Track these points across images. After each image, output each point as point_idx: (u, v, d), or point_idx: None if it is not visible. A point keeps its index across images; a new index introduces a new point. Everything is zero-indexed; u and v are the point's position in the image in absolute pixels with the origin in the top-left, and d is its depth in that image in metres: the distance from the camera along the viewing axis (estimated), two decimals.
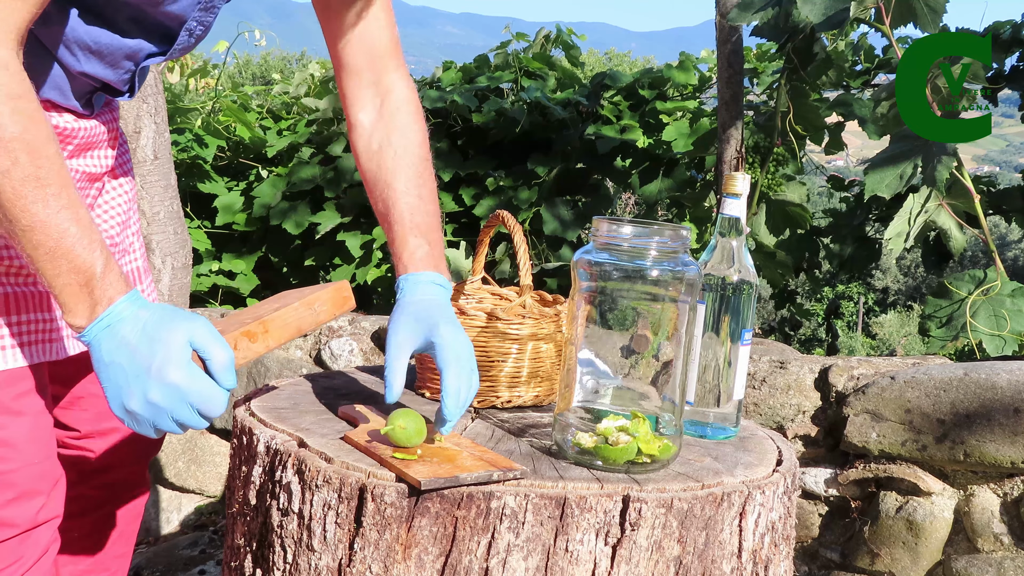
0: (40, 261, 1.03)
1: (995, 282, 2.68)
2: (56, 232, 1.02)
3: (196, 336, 1.03)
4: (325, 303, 1.18)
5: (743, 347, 1.29)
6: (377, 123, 1.37)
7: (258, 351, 1.10)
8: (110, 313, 1.04)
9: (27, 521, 1.21)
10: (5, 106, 1.00)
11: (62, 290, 1.04)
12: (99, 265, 1.04)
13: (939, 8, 2.73)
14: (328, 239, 4.21)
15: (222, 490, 2.92)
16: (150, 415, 1.02)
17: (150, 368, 1.01)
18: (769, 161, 3.64)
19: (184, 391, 1.01)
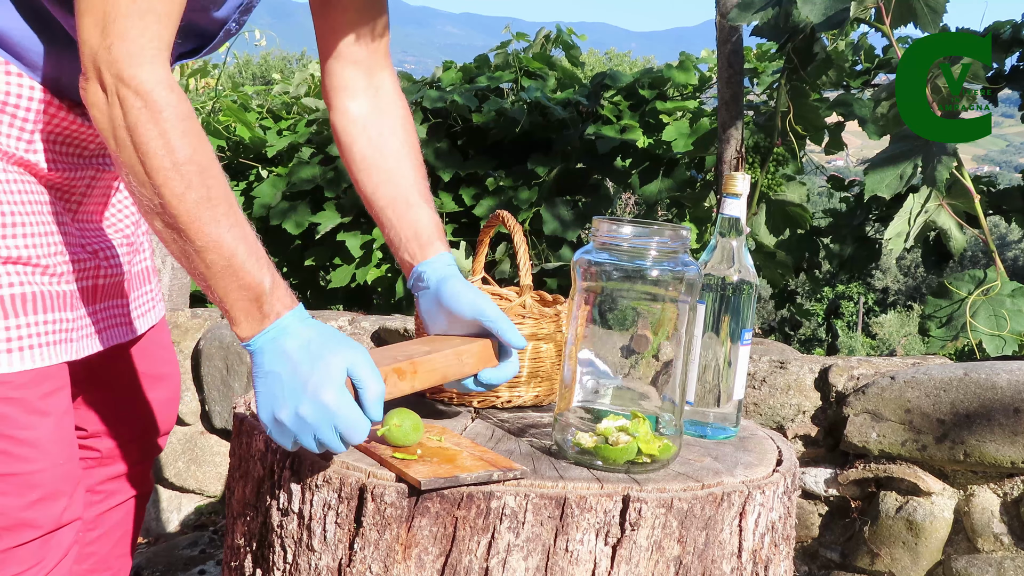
0: (212, 279, 1.05)
1: (995, 282, 2.67)
2: (228, 251, 1.04)
3: (355, 364, 1.04)
4: (472, 356, 1.20)
5: (743, 347, 1.29)
6: (374, 112, 1.38)
7: (403, 390, 1.11)
8: (276, 326, 1.06)
9: (51, 522, 1.22)
10: (176, 128, 1.02)
11: (233, 305, 1.06)
12: (268, 281, 1.06)
13: (939, 8, 2.73)
14: (328, 239, 4.21)
15: (222, 490, 2.92)
16: (296, 428, 1.03)
17: (307, 384, 1.02)
18: (769, 161, 3.64)
19: (333, 413, 1.02)
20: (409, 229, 1.33)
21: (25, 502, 1.19)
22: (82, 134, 1.26)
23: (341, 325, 2.80)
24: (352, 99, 1.38)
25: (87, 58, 1.03)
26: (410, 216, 1.33)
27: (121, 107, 1.01)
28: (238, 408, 1.28)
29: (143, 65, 1.01)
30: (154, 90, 1.01)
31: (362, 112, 1.38)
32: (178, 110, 1.03)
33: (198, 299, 4.27)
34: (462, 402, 1.37)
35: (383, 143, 1.37)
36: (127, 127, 1.01)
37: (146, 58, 1.02)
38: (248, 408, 1.27)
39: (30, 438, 1.18)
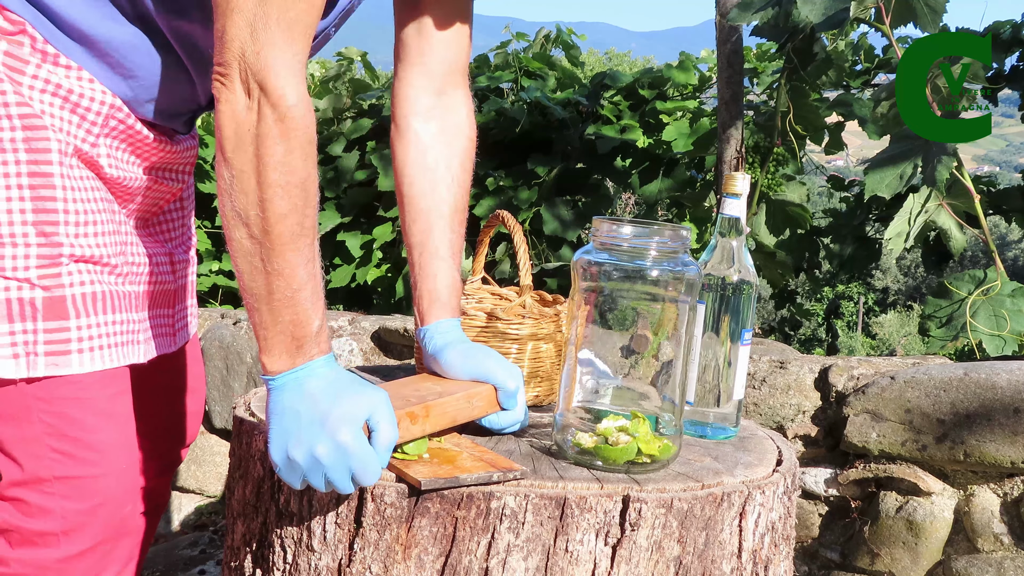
0: (268, 304, 1.03)
1: (995, 282, 2.67)
2: (297, 283, 1.02)
3: (375, 409, 1.03)
4: (482, 400, 1.20)
5: (743, 347, 1.29)
6: (437, 138, 1.32)
7: (414, 434, 1.11)
8: (307, 367, 1.04)
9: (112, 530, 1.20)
10: (302, 151, 1.01)
11: (274, 336, 1.03)
12: (316, 324, 1.05)
13: (939, 8, 2.73)
14: (328, 239, 4.21)
15: (222, 490, 2.92)
16: (308, 467, 1.01)
17: (326, 422, 1.01)
18: (769, 161, 3.64)
19: (349, 454, 1.00)
20: (426, 284, 1.30)
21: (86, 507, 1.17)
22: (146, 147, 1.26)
23: (341, 325, 2.80)
24: (417, 118, 1.31)
25: (232, 55, 0.99)
26: (431, 270, 1.30)
27: (258, 115, 0.99)
28: (238, 409, 1.28)
29: (289, 79, 1.00)
30: (295, 107, 1.00)
31: (425, 134, 1.31)
32: (308, 133, 1.01)
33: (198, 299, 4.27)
34: None
35: (435, 179, 1.30)
36: (256, 136, 0.99)
37: (292, 72, 1.00)
38: (248, 409, 1.27)
39: (95, 441, 1.17)
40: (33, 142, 1.13)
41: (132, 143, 1.24)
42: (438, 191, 1.30)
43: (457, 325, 1.30)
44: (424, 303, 1.29)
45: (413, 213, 1.31)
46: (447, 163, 1.31)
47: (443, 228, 1.30)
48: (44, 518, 1.17)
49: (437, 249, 1.30)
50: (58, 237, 1.14)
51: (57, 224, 1.14)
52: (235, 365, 2.83)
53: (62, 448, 1.16)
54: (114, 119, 1.20)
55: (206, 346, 2.87)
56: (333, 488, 1.02)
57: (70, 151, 1.16)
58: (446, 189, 1.31)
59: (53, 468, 1.16)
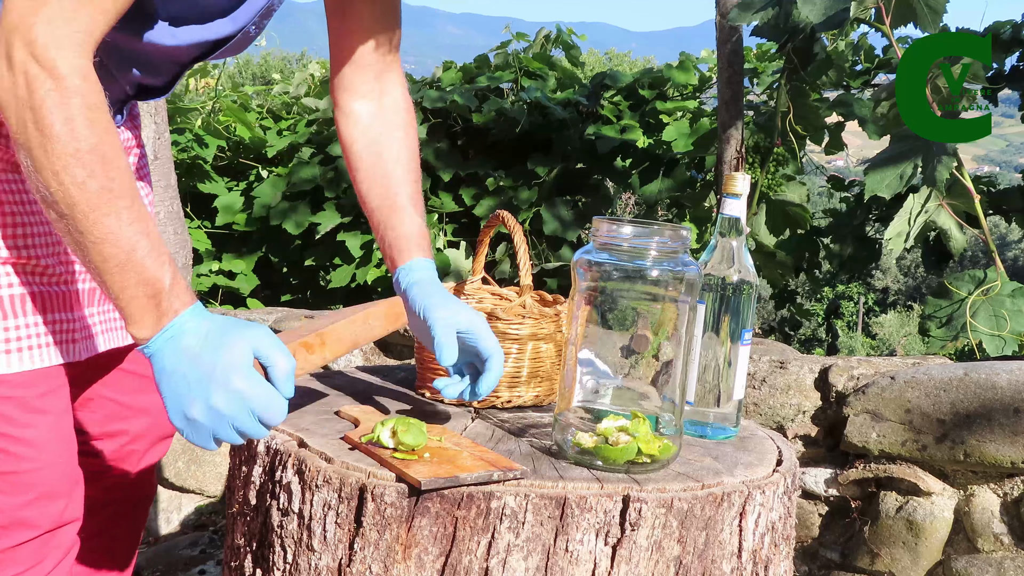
0: (108, 274, 1.02)
1: (995, 282, 2.68)
2: (127, 245, 1.01)
3: (259, 344, 1.02)
4: (379, 318, 1.19)
5: (743, 347, 1.29)
6: (377, 115, 1.39)
7: (315, 363, 1.10)
8: (174, 324, 1.04)
9: (50, 522, 1.21)
10: (83, 117, 0.99)
11: (129, 302, 1.03)
12: (167, 278, 1.03)
13: (939, 8, 2.74)
14: (328, 239, 4.21)
15: (222, 490, 2.92)
16: (211, 422, 1.01)
17: (213, 374, 1.00)
18: (769, 161, 3.64)
19: (247, 397, 1.00)
20: (391, 233, 1.32)
21: (22, 501, 1.19)
22: None
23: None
24: (357, 100, 1.39)
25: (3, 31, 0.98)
26: (393, 220, 1.33)
27: (27, 87, 0.97)
28: None
29: (63, 49, 0.98)
30: (68, 76, 0.98)
31: (365, 113, 1.39)
32: (88, 99, 0.99)
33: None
34: (462, 402, 1.37)
35: (381, 146, 1.37)
36: (31, 107, 0.98)
37: (68, 44, 0.99)
38: None
39: (28, 437, 1.18)
40: None
41: None
42: (385, 157, 1.36)
43: (429, 265, 1.30)
44: (394, 251, 1.31)
45: (367, 183, 1.36)
46: (391, 132, 1.38)
47: (398, 184, 1.35)
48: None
49: (395, 202, 1.33)
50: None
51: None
52: None
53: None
54: None
55: None
56: (246, 436, 1.02)
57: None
58: (395, 153, 1.36)
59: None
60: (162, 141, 3.14)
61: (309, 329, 1.15)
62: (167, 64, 1.23)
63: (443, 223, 4.15)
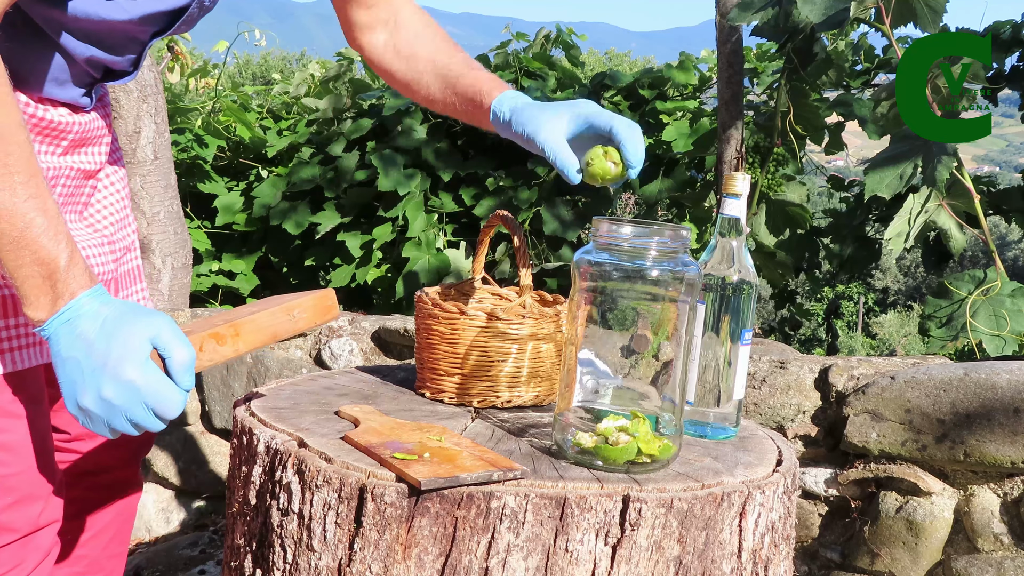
0: (3, 250, 0.99)
1: (995, 282, 2.67)
2: (22, 222, 0.99)
3: (157, 334, 0.99)
4: (306, 310, 1.14)
5: (743, 347, 1.29)
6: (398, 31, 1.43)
7: (226, 355, 1.06)
8: (71, 307, 1.01)
9: (28, 525, 1.21)
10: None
11: (24, 281, 1.00)
12: (64, 258, 1.01)
13: (939, 8, 2.73)
14: (328, 239, 4.21)
15: (222, 490, 2.92)
16: (104, 413, 0.99)
17: (106, 364, 0.98)
18: (769, 161, 3.64)
19: (139, 389, 0.98)
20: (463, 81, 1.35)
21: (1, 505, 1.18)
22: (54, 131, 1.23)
23: (341, 325, 2.80)
24: (375, 34, 1.43)
25: None
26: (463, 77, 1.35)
27: None
28: (238, 409, 1.28)
29: None
30: None
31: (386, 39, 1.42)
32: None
33: (197, 300, 4.28)
34: (462, 402, 1.37)
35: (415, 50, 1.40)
36: None
37: None
38: (248, 409, 1.27)
39: (3, 441, 1.17)
40: None
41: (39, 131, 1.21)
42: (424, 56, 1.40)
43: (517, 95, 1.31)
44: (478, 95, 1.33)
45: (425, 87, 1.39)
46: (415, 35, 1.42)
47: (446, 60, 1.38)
48: None
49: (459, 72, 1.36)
50: None
51: None
52: (235, 365, 2.83)
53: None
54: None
55: None
56: (141, 428, 1.00)
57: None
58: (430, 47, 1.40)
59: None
60: (162, 141, 3.14)
61: (225, 318, 1.11)
62: (125, 41, 1.21)
63: (443, 223, 4.15)
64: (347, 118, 4.44)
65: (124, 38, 1.20)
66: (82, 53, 1.18)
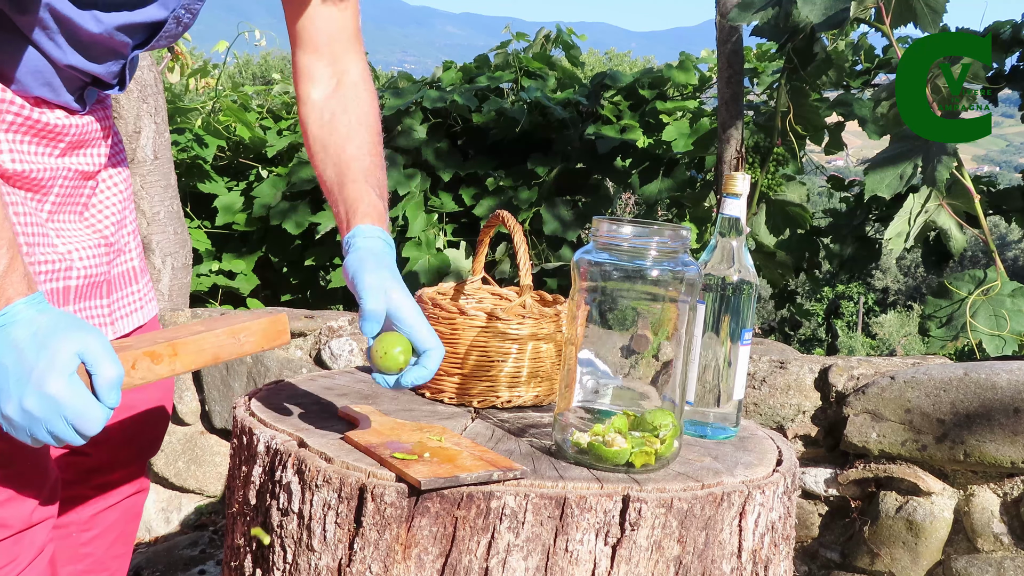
0: None
1: (995, 282, 2.68)
2: None
3: (87, 349, 0.98)
4: (253, 334, 1.12)
5: (743, 347, 1.29)
6: (331, 98, 1.38)
7: (161, 373, 1.05)
8: (6, 313, 1.00)
9: (21, 522, 1.21)
10: None
11: None
12: (2, 263, 1.00)
13: (939, 8, 2.73)
14: (328, 239, 4.21)
15: (222, 490, 2.92)
16: (25, 423, 0.98)
17: (31, 374, 0.97)
18: (769, 161, 3.64)
19: (60, 404, 0.96)
20: (342, 207, 1.28)
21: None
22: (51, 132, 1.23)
23: (341, 325, 2.80)
24: (314, 86, 1.38)
25: None
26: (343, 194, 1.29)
27: None
28: (238, 409, 1.28)
29: None
30: None
31: (319, 97, 1.38)
32: None
33: (198, 299, 4.28)
34: (462, 402, 1.37)
35: (333, 123, 1.35)
36: None
37: None
38: (248, 409, 1.27)
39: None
40: None
41: (35, 132, 1.21)
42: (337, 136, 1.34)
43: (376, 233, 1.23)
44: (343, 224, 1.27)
45: (322, 165, 1.34)
46: (342, 110, 1.37)
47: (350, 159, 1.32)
48: None
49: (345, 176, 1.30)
50: None
51: None
52: (235, 365, 2.83)
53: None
54: (9, 114, 1.17)
55: None
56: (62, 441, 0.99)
57: None
58: (344, 130, 1.35)
59: None
60: (162, 141, 3.14)
61: (167, 336, 1.09)
62: (105, 53, 1.21)
63: (443, 223, 4.15)
64: None
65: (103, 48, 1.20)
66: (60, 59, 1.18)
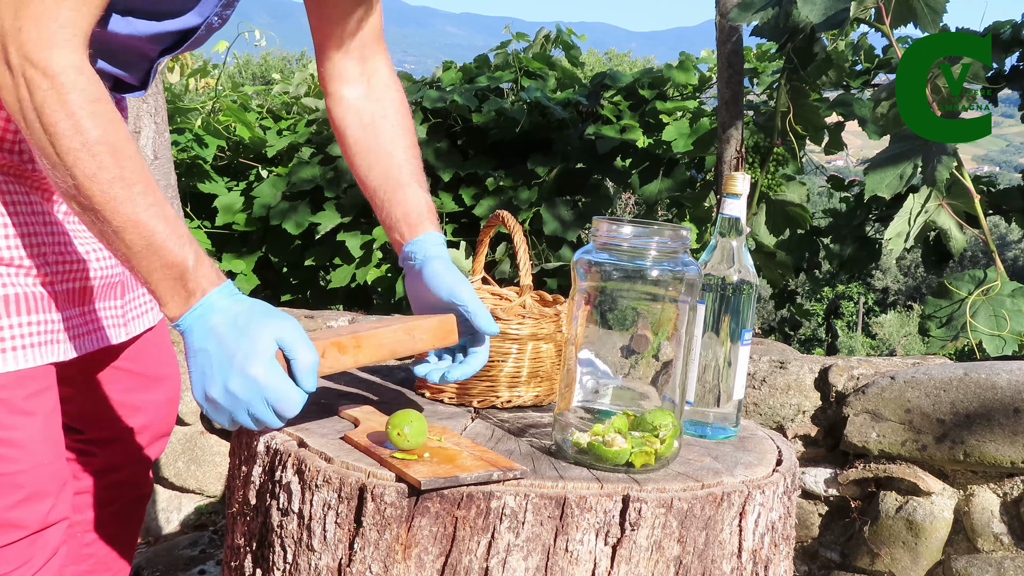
0: (134, 259, 1.05)
1: (995, 282, 2.68)
2: (147, 231, 1.04)
3: (284, 335, 1.04)
4: (426, 332, 1.19)
5: (743, 347, 1.29)
6: (368, 97, 1.40)
7: (346, 364, 1.10)
8: (203, 303, 1.06)
9: (37, 522, 1.21)
10: (85, 110, 1.02)
11: (157, 285, 1.06)
12: (191, 259, 1.06)
13: (939, 8, 2.74)
14: (328, 239, 4.21)
15: (222, 490, 2.92)
16: (228, 405, 1.04)
17: (234, 358, 1.03)
18: (769, 161, 3.64)
19: (262, 386, 1.02)
20: (399, 209, 1.34)
21: (9, 502, 1.18)
22: None
23: (341, 325, 2.80)
24: (346, 86, 1.40)
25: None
26: (400, 196, 1.34)
27: (28, 88, 1.01)
28: None
29: (53, 48, 1.01)
30: (62, 72, 1.01)
31: (356, 97, 1.40)
32: (87, 92, 1.02)
33: None
34: (462, 402, 1.37)
35: (376, 126, 1.38)
36: (34, 108, 1.01)
37: (57, 42, 1.01)
38: None
39: (14, 438, 1.18)
40: None
41: None
42: (383, 136, 1.38)
43: (442, 239, 1.32)
44: (403, 226, 1.33)
45: (365, 166, 1.38)
46: (383, 114, 1.40)
47: (399, 163, 1.36)
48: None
49: (399, 180, 1.35)
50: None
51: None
52: None
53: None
54: None
55: None
56: (263, 424, 1.04)
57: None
58: (391, 132, 1.38)
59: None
60: (162, 141, 3.14)
61: (350, 330, 1.16)
62: (133, 57, 1.23)
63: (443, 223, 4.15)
64: None
65: (133, 54, 1.22)
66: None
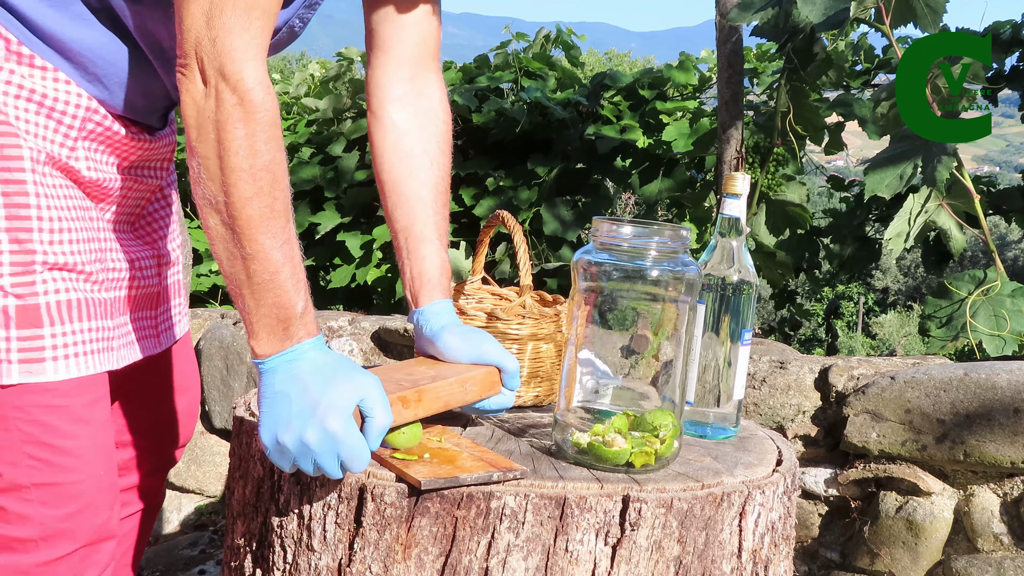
0: (249, 288, 1.04)
1: (995, 282, 2.67)
2: (273, 266, 1.03)
3: (365, 394, 1.03)
4: (476, 384, 1.20)
5: (743, 347, 1.29)
6: (412, 123, 1.34)
7: (406, 418, 1.10)
8: (295, 350, 1.05)
9: (90, 534, 1.20)
10: (264, 133, 1.02)
11: (260, 320, 1.04)
12: (300, 305, 1.05)
13: (939, 8, 2.73)
14: (328, 239, 4.21)
15: (222, 490, 2.92)
16: (297, 452, 1.02)
17: (316, 409, 1.01)
18: (769, 161, 3.64)
19: (338, 441, 1.00)
20: (417, 265, 1.31)
21: (64, 513, 1.17)
22: (124, 146, 1.25)
23: (341, 325, 2.80)
24: (390, 103, 1.33)
25: (189, 45, 1.01)
26: (420, 252, 1.31)
27: (216, 100, 1.00)
28: (238, 408, 1.28)
29: (247, 63, 1.01)
30: (253, 90, 1.01)
31: (397, 120, 1.33)
32: (270, 115, 1.02)
33: (198, 300, 4.27)
34: None
35: (412, 162, 1.32)
36: (216, 121, 1.00)
37: (249, 56, 1.01)
38: (248, 409, 1.27)
39: (72, 448, 1.16)
40: (5, 149, 1.12)
41: (110, 143, 1.23)
42: (417, 175, 1.32)
43: (450, 306, 1.31)
44: (416, 285, 1.31)
45: (395, 198, 1.33)
46: (423, 147, 1.33)
47: (427, 211, 1.32)
48: (23, 525, 1.16)
49: (423, 232, 1.31)
50: (32, 244, 1.13)
51: (31, 231, 1.13)
52: (235, 365, 2.83)
53: (39, 455, 1.15)
54: (91, 122, 1.19)
55: (205, 346, 2.87)
56: (322, 473, 1.03)
57: (42, 158, 1.15)
58: (425, 173, 1.33)
59: (31, 475, 1.15)
60: None
61: (409, 379, 1.16)
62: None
63: None
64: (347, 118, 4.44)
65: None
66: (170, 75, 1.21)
